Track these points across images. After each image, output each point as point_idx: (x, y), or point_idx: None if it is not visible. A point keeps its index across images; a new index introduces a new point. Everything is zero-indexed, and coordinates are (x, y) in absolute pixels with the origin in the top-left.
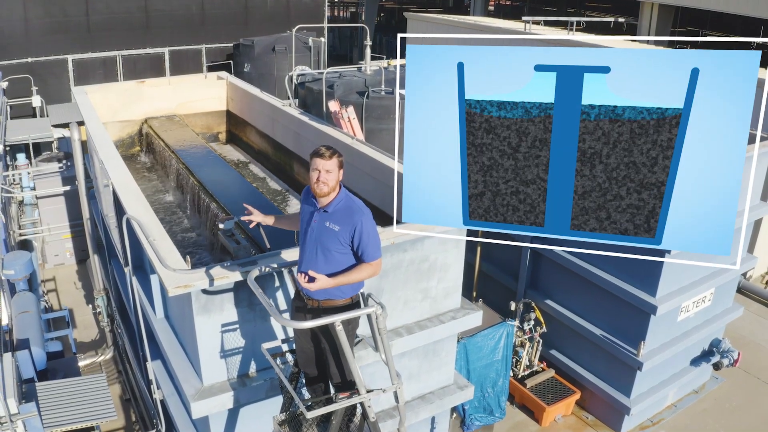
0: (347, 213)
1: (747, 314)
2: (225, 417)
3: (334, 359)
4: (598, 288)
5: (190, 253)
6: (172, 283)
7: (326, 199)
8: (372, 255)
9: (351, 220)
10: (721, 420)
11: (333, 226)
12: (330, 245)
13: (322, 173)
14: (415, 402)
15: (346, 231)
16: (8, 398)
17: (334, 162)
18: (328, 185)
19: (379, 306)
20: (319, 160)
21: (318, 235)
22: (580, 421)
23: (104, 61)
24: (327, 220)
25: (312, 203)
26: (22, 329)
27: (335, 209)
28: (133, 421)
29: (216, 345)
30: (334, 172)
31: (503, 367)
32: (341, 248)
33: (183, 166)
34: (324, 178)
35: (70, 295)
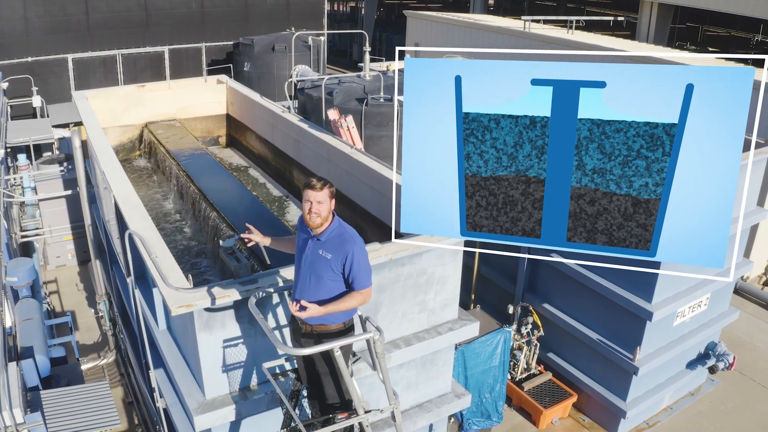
0: (339, 242)
1: (743, 315)
2: (227, 428)
3: (333, 381)
4: (594, 293)
5: (191, 263)
6: (175, 302)
7: (319, 228)
8: (362, 283)
9: (343, 249)
10: (716, 423)
11: (326, 254)
12: (322, 272)
13: (314, 204)
14: (413, 411)
15: (338, 259)
16: (14, 408)
17: (326, 193)
18: (320, 216)
19: (377, 331)
20: (310, 191)
21: (312, 263)
22: (576, 423)
23: (104, 60)
24: (320, 248)
25: (307, 231)
26: (25, 337)
27: (328, 238)
28: (135, 423)
29: (218, 359)
30: (326, 202)
31: (500, 372)
32: (333, 276)
33: (183, 174)
34: (316, 209)
35: (71, 297)
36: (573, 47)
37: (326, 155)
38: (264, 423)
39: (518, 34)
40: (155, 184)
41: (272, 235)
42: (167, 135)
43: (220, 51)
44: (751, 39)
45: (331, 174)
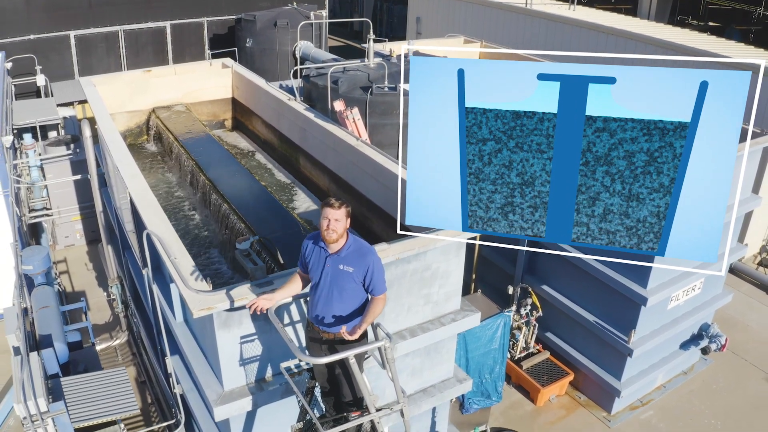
0: (359, 254)
1: (737, 295)
2: (244, 418)
3: (347, 381)
4: (591, 277)
5: (204, 255)
6: (195, 305)
7: (337, 245)
8: (381, 289)
9: (364, 261)
10: (707, 401)
11: (347, 268)
12: (345, 285)
13: (332, 221)
14: (418, 395)
15: (359, 271)
16: (39, 398)
17: (343, 212)
18: (336, 232)
19: (388, 338)
20: (329, 209)
21: (333, 278)
22: (573, 401)
23: (106, 36)
24: (340, 263)
25: (323, 251)
26: (43, 325)
27: (347, 253)
28: (149, 402)
29: (235, 354)
30: (342, 220)
31: (500, 355)
32: (355, 286)
33: (193, 162)
34: (333, 226)
35: (82, 277)
36: (574, 24)
37: (332, 145)
38: (279, 411)
39: (520, 11)
40: (164, 171)
41: (280, 230)
42: (174, 120)
43: (222, 25)
44: (753, 12)
45: (337, 163)
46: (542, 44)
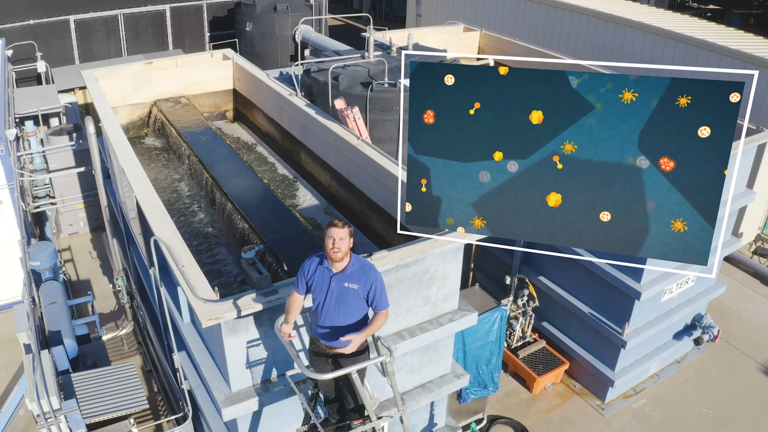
0: (363, 272)
1: (732, 283)
2: (250, 417)
3: (349, 391)
4: (587, 270)
5: (208, 252)
6: (204, 315)
7: (341, 264)
8: (383, 305)
9: (368, 277)
10: (699, 390)
11: (352, 285)
12: (350, 302)
13: (337, 240)
14: (416, 391)
15: (363, 288)
16: (51, 396)
17: (346, 231)
18: (342, 251)
19: (389, 353)
20: (334, 229)
21: (338, 295)
22: (568, 389)
23: (106, 20)
24: (345, 281)
25: (327, 271)
26: (52, 321)
27: (351, 271)
28: (155, 391)
29: (242, 357)
30: (346, 239)
31: (496, 347)
32: (359, 301)
33: (196, 159)
34: (338, 245)
35: (86, 265)
36: (574, 11)
37: (333, 143)
38: (283, 410)
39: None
40: (167, 165)
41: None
42: (176, 113)
43: (222, 8)
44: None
45: (338, 161)
46: (542, 31)
